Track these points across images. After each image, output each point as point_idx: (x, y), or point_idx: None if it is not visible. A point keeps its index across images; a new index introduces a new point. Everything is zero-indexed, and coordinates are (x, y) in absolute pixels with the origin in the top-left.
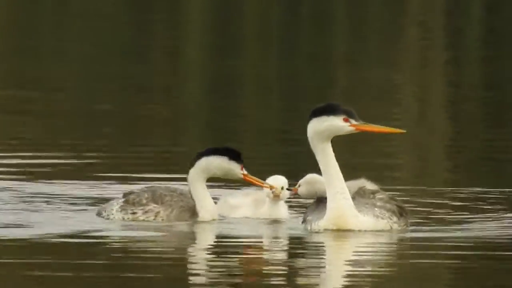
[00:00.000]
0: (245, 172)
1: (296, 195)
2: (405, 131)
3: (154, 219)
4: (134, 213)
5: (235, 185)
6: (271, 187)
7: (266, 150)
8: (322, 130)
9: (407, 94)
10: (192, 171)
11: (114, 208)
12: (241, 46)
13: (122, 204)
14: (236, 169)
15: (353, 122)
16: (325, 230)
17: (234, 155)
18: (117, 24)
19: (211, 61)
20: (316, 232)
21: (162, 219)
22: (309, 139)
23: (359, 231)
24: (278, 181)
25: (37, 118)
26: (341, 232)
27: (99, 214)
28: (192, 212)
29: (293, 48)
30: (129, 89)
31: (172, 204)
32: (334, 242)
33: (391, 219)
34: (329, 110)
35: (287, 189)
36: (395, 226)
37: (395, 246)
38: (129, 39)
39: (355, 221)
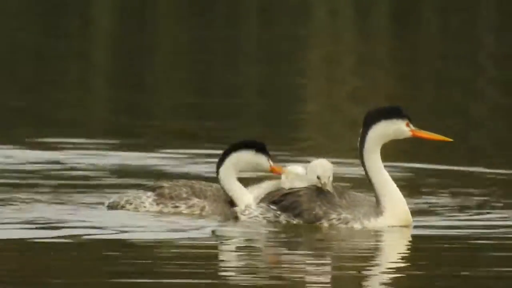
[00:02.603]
0: (272, 164)
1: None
2: (452, 140)
3: (200, 213)
4: (176, 206)
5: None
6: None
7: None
8: (389, 133)
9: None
10: (222, 169)
11: (146, 202)
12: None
13: (155, 197)
14: (264, 162)
15: (412, 127)
16: (389, 226)
17: (260, 148)
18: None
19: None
20: (370, 229)
21: (208, 213)
22: (368, 139)
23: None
24: (326, 171)
25: None
26: (396, 228)
27: (112, 207)
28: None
29: (206, 24)
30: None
31: (216, 198)
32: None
33: None
34: (397, 113)
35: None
36: None
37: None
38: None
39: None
